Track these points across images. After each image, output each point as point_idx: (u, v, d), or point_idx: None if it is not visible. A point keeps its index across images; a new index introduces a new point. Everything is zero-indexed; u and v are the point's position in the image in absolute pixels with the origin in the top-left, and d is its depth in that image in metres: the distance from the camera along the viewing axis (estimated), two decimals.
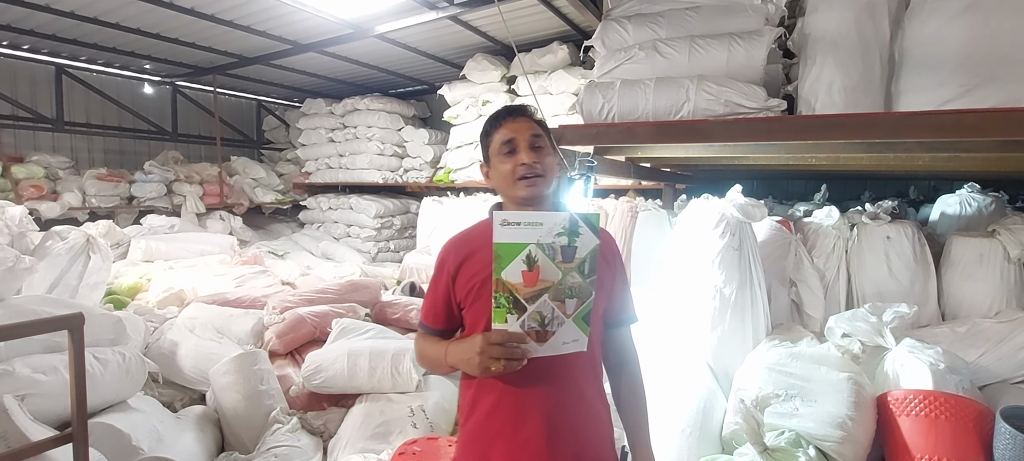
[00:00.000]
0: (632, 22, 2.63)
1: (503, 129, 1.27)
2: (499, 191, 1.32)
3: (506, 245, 1.04)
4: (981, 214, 3.23)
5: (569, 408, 1.22)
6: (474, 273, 1.22)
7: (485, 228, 1.23)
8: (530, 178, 1.23)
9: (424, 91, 7.67)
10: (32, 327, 1.76)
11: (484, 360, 1.08)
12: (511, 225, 1.04)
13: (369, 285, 4.21)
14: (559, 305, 1.07)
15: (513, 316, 1.06)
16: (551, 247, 1.05)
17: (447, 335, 1.32)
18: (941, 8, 2.01)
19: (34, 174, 5.84)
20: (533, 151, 1.24)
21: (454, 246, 1.30)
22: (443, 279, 1.28)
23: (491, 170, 1.32)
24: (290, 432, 2.51)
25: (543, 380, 1.18)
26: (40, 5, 4.51)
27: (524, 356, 1.08)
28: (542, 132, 1.29)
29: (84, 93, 6.90)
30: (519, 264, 1.04)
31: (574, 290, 1.07)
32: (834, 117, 2.06)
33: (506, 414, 1.20)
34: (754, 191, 5.65)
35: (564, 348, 1.11)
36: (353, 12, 4.64)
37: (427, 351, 1.31)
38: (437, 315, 1.31)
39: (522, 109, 1.32)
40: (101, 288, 3.77)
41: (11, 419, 1.85)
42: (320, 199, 7.70)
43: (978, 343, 2.24)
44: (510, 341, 1.07)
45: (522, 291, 1.05)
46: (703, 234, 2.49)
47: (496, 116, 1.31)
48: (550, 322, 1.08)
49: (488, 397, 1.22)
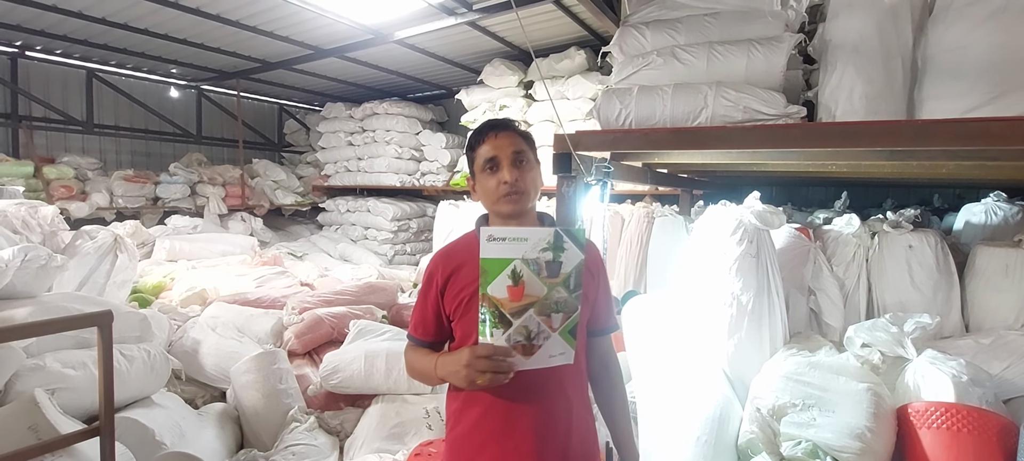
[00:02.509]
0: (650, 28, 2.63)
1: (486, 145, 1.29)
2: (484, 205, 1.34)
3: (492, 260, 1.05)
4: (1007, 223, 3.16)
5: (558, 417, 1.23)
6: (462, 286, 1.24)
7: (472, 240, 1.25)
8: (512, 195, 1.24)
9: (442, 95, 7.75)
10: (64, 323, 1.83)
11: (471, 373, 1.10)
12: (497, 240, 1.05)
13: (386, 287, 4.26)
14: (545, 319, 1.08)
15: (499, 330, 1.07)
16: (536, 262, 1.06)
17: (437, 347, 1.34)
18: (966, 14, 1.98)
19: (65, 175, 6.03)
20: (515, 168, 1.25)
21: (442, 258, 1.31)
22: (432, 292, 1.29)
23: (476, 185, 1.34)
24: (308, 431, 2.55)
25: (531, 390, 1.20)
26: (73, 11, 4.68)
27: (510, 369, 1.10)
28: (525, 147, 1.30)
29: (113, 96, 7.11)
30: (504, 279, 1.05)
31: (560, 304, 1.09)
32: (854, 124, 2.03)
33: (493, 423, 1.22)
34: (773, 198, 5.58)
35: (551, 361, 1.12)
36: (373, 18, 4.72)
37: (416, 363, 1.32)
38: (426, 327, 1.32)
39: (505, 124, 1.33)
40: (127, 286, 3.88)
41: (42, 412, 1.92)
42: (338, 201, 7.81)
43: (1003, 355, 2.19)
44: (496, 355, 1.08)
45: (508, 306, 1.06)
46: (720, 241, 2.47)
47: (479, 131, 1.33)
48: (536, 336, 1.09)
49: (475, 407, 1.23)
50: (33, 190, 5.67)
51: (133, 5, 4.52)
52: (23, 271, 2.45)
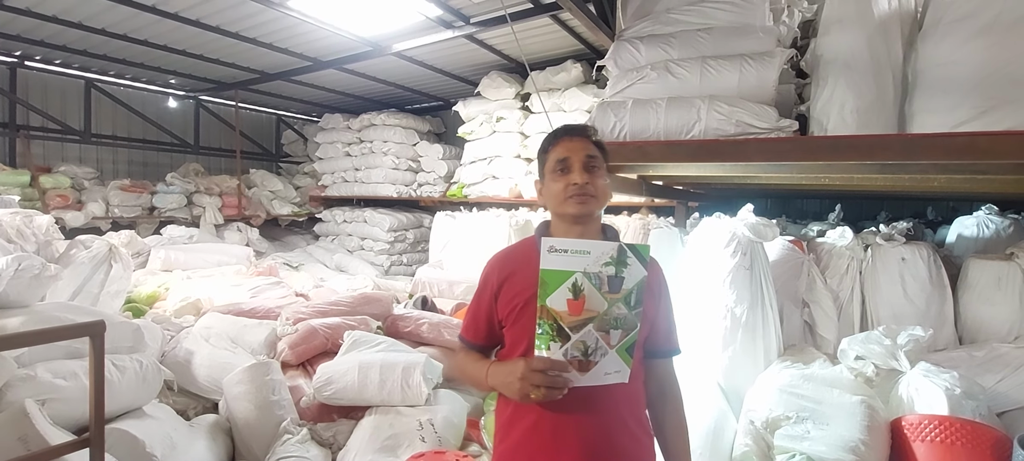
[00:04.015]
0: (644, 43, 2.67)
1: (559, 147, 1.27)
2: (549, 208, 1.31)
3: (552, 272, 1.03)
4: (999, 236, 3.18)
5: (610, 437, 1.19)
6: (516, 293, 1.22)
7: (529, 247, 1.24)
8: (580, 197, 1.22)
9: (439, 107, 7.79)
10: (56, 333, 1.82)
11: (525, 386, 1.08)
12: (558, 252, 1.03)
13: (381, 298, 4.25)
14: (603, 336, 1.05)
15: (556, 344, 1.05)
16: (598, 276, 1.04)
17: (486, 351, 1.33)
18: (954, 30, 2.01)
19: (61, 184, 6.02)
20: (586, 172, 1.23)
21: (498, 263, 1.30)
22: (486, 296, 1.28)
23: (544, 187, 1.31)
24: (300, 443, 2.53)
25: (583, 407, 1.16)
26: (73, 22, 4.70)
27: (565, 385, 1.07)
28: (598, 154, 1.28)
29: (111, 106, 7.13)
30: (565, 292, 1.03)
31: (619, 321, 1.05)
32: (844, 138, 2.06)
33: (543, 438, 1.18)
34: (769, 210, 5.61)
35: (606, 379, 1.09)
36: (372, 30, 4.76)
37: (467, 367, 1.30)
38: (478, 330, 1.31)
39: (581, 129, 1.32)
40: (121, 296, 3.86)
41: (32, 423, 1.90)
42: (335, 212, 7.82)
43: (996, 368, 2.20)
44: (552, 369, 1.06)
45: (566, 319, 1.04)
46: (714, 253, 2.48)
47: (555, 134, 1.32)
48: (593, 352, 1.06)
49: (525, 420, 1.20)
50: (29, 199, 5.65)
51: (133, 16, 4.54)
52: (16, 281, 2.43)
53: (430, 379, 2.78)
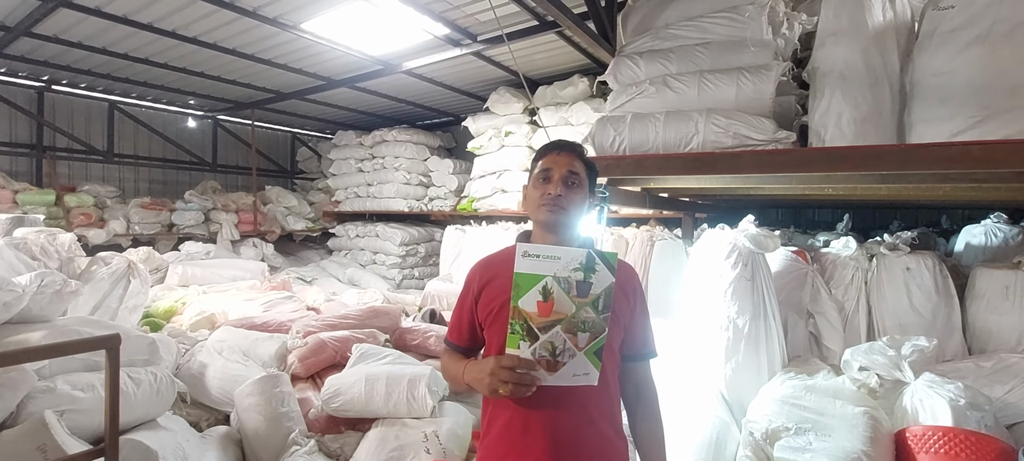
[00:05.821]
0: (644, 58, 2.71)
1: (547, 159, 1.35)
2: (528, 213, 1.39)
3: (525, 275, 1.10)
4: (1007, 245, 3.13)
5: (578, 434, 1.24)
6: (494, 296, 1.29)
7: (510, 253, 1.28)
8: (551, 206, 1.29)
9: (449, 122, 7.90)
10: (73, 346, 1.90)
11: (493, 381, 1.14)
12: (531, 257, 1.10)
13: (390, 311, 4.30)
14: (571, 337, 1.11)
15: (526, 343, 1.11)
16: (567, 281, 1.10)
17: (470, 353, 1.39)
18: (949, 41, 2.02)
19: (84, 203, 6.23)
20: (564, 185, 1.30)
21: (480, 268, 1.37)
22: (468, 299, 1.35)
23: (527, 193, 1.40)
24: (308, 454, 2.57)
25: (553, 405, 1.22)
26: (97, 48, 4.90)
27: (533, 382, 1.12)
28: (581, 171, 1.34)
29: (133, 127, 7.38)
30: (535, 294, 1.09)
31: (587, 324, 1.11)
32: (839, 149, 2.07)
33: (515, 434, 1.25)
34: (778, 220, 5.57)
35: (574, 380, 1.14)
36: (383, 49, 4.88)
37: (449, 367, 1.38)
38: (461, 333, 1.38)
39: (571, 146, 1.38)
40: (139, 311, 3.97)
41: (50, 433, 1.97)
42: (348, 227, 7.94)
43: (1005, 379, 2.16)
44: (520, 366, 1.12)
45: (536, 320, 1.10)
46: (716, 264, 2.49)
47: (546, 147, 1.39)
48: (561, 353, 1.12)
49: (501, 417, 1.27)
50: (54, 217, 5.86)
51: (154, 40, 4.73)
52: (39, 296, 2.54)
53: (436, 391, 2.81)
